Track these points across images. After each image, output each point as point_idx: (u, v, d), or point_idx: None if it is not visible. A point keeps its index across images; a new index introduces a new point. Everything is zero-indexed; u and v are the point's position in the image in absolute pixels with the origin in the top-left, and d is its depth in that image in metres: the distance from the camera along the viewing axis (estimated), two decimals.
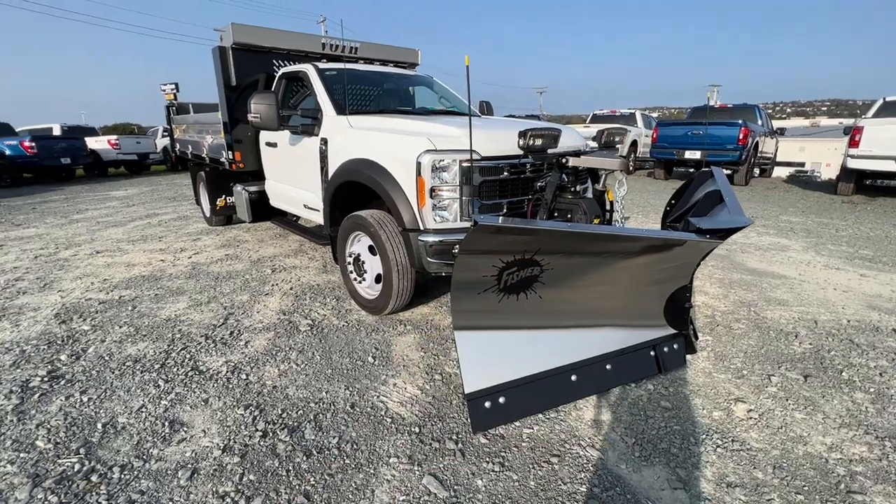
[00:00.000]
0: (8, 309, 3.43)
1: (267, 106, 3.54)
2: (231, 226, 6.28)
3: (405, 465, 1.82)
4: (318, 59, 4.85)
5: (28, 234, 6.09)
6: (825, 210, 7.36)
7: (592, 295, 2.28)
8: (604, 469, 1.79)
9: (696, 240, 2.18)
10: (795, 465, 1.79)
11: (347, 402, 2.24)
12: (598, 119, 13.70)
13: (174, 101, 7.20)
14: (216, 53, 4.50)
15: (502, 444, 1.94)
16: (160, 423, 2.08)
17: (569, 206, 2.77)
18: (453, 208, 2.74)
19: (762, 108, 11.48)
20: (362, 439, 1.97)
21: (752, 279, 3.95)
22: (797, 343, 2.80)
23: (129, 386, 2.38)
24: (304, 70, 4.03)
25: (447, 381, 2.42)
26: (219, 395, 2.30)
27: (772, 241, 5.28)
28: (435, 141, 2.68)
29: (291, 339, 2.91)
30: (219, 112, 4.83)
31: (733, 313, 3.24)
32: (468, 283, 1.88)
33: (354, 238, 3.30)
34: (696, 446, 1.91)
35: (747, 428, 2.02)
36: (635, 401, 2.23)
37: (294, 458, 1.86)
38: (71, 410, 2.17)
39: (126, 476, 1.76)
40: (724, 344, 2.79)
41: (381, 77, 4.50)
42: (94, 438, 1.98)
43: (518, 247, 1.86)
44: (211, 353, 2.72)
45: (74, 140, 13.58)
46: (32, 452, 1.89)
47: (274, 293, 3.72)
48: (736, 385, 2.35)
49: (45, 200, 9.33)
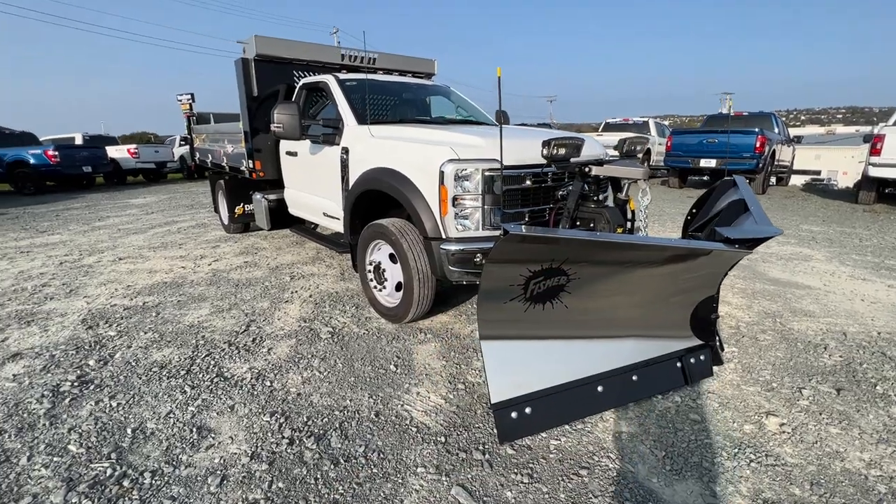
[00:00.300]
0: (36, 314, 3.51)
1: (289, 116, 3.60)
2: (248, 233, 6.36)
3: (433, 475, 1.81)
4: (337, 69, 4.94)
5: (52, 240, 6.24)
6: (847, 219, 7.22)
7: (618, 305, 2.26)
8: (635, 483, 1.76)
9: (725, 249, 2.16)
10: (834, 482, 1.75)
11: (372, 411, 2.24)
12: (611, 128, 13.67)
13: (193, 112, 7.35)
14: (239, 65, 4.60)
15: (530, 455, 1.92)
16: (188, 428, 2.10)
17: (591, 216, 2.76)
18: (475, 217, 2.75)
19: (778, 115, 11.36)
20: (389, 448, 1.96)
21: (776, 289, 3.88)
22: (827, 355, 2.73)
23: (156, 391, 2.41)
24: (325, 81, 4.09)
25: (470, 391, 2.41)
26: (244, 402, 2.31)
27: (793, 250, 5.19)
28: (458, 150, 2.70)
29: (313, 346, 2.93)
30: (240, 122, 4.92)
31: (758, 324, 3.18)
32: (495, 293, 1.88)
33: (375, 246, 3.32)
34: (728, 461, 1.87)
35: (781, 442, 1.98)
36: (663, 413, 2.20)
37: (322, 466, 1.86)
38: (101, 415, 2.21)
39: (157, 482, 1.78)
40: (751, 356, 2.74)
41: (399, 87, 4.56)
42: (124, 443, 2.00)
43: (546, 256, 1.85)
44: (235, 360, 2.75)
45: (95, 149, 13.93)
46: (66, 456, 1.92)
47: (294, 300, 3.76)
48: (766, 398, 2.31)
49: (67, 208, 9.55)
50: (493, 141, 2.85)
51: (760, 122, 10.57)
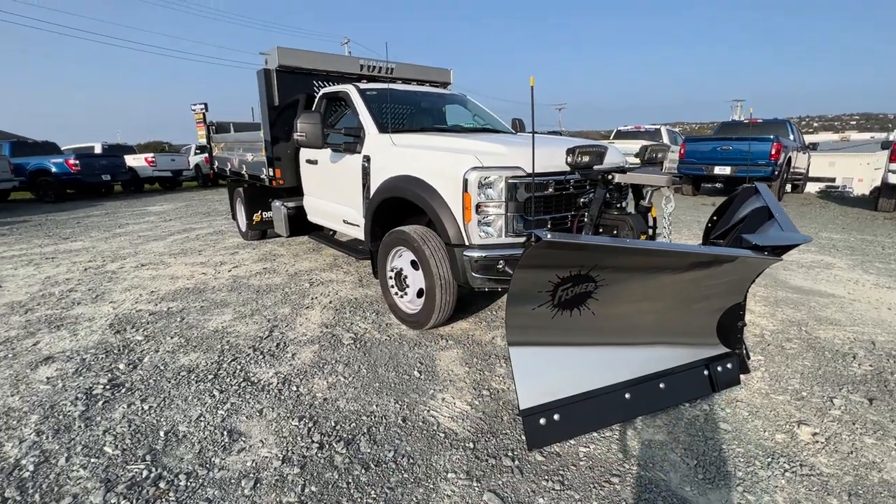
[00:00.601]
0: (65, 319, 3.59)
1: (312, 125, 3.66)
2: (265, 240, 6.44)
3: (464, 480, 1.81)
4: (356, 79, 5.02)
5: (76, 247, 6.38)
6: (867, 227, 7.11)
7: (645, 311, 2.26)
8: (668, 491, 1.75)
9: (753, 256, 2.15)
10: (872, 493, 1.72)
11: (398, 416, 2.25)
12: (623, 135, 13.65)
13: (208, 122, 7.51)
14: (261, 75, 4.70)
15: (559, 462, 1.92)
16: (219, 432, 2.13)
17: (615, 223, 2.77)
18: (498, 224, 2.77)
19: (793, 122, 11.27)
20: (418, 454, 1.97)
21: (799, 297, 3.83)
22: (856, 364, 2.69)
23: (185, 395, 2.45)
24: (346, 90, 4.17)
25: (495, 397, 2.42)
26: (272, 406, 2.34)
27: (814, 258, 5.13)
28: (481, 158, 2.73)
29: (336, 352, 2.96)
30: (260, 131, 5.02)
31: (783, 333, 3.15)
32: (523, 299, 1.89)
33: (396, 253, 3.35)
34: (762, 470, 1.85)
35: (815, 452, 1.95)
36: (692, 421, 2.18)
37: (352, 470, 1.87)
38: (134, 418, 2.25)
39: (192, 484, 1.81)
40: (778, 364, 2.71)
41: (418, 96, 4.62)
42: (157, 446, 2.04)
43: (575, 262, 1.86)
44: (260, 365, 2.78)
45: (114, 158, 14.25)
46: (102, 458, 1.96)
47: (314, 306, 3.79)
48: (796, 407, 2.28)
49: (87, 215, 9.76)
50: (516, 149, 2.89)
51: (775, 129, 10.49)
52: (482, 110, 4.88)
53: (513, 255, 2.73)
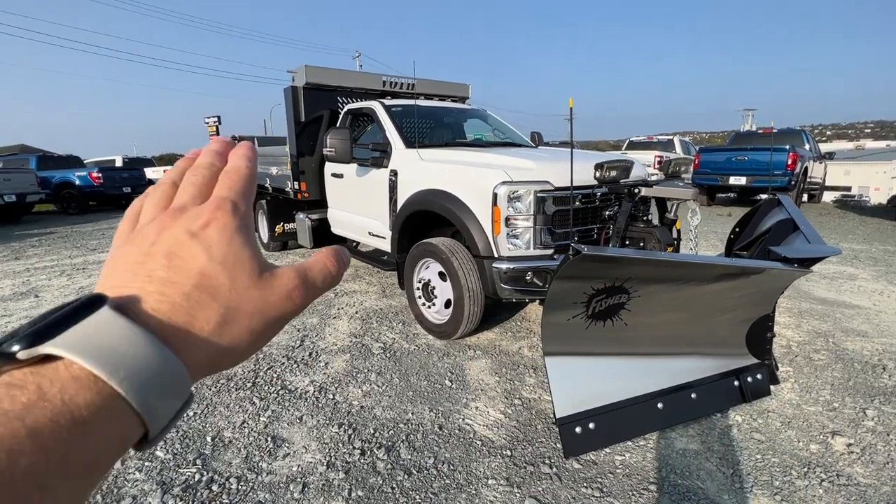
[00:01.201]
0: None
1: (341, 140, 3.79)
2: (286, 251, 6.58)
3: (504, 486, 1.86)
4: (379, 95, 5.17)
5: (104, 258, 6.55)
6: (889, 237, 7.05)
7: (676, 322, 2.31)
8: (706, 499, 1.78)
9: (783, 268, 2.19)
10: None
11: (434, 424, 2.31)
12: (635, 146, 13.70)
13: (235, 135, 7.73)
14: (288, 93, 4.87)
15: (596, 469, 1.96)
16: (263, 438, 2.21)
17: (641, 235, 2.83)
18: (526, 237, 2.84)
19: (809, 132, 11.23)
20: (457, 460, 2.03)
21: (824, 309, 3.83)
22: (886, 376, 2.70)
23: (227, 402, 2.54)
24: (372, 107, 4.30)
25: (528, 406, 2.47)
26: (311, 414, 2.42)
27: (836, 269, 5.11)
28: (510, 173, 2.82)
29: (367, 361, 3.03)
30: (286, 146, 5.18)
31: (810, 344, 3.16)
32: (559, 309, 1.96)
33: (423, 264, 3.44)
34: (799, 479, 1.87)
35: (850, 462, 1.97)
36: (724, 431, 2.21)
37: (395, 476, 1.93)
38: (180, 424, 2.34)
39: (243, 487, 1.88)
40: (807, 375, 2.72)
41: (441, 111, 4.75)
42: (206, 450, 2.12)
43: (610, 274, 1.93)
44: (295, 374, 2.87)
45: (134, 170, 14.66)
46: (155, 462, 2.05)
47: (341, 316, 3.88)
48: (829, 418, 2.29)
49: (111, 227, 10.02)
50: (543, 163, 2.98)
51: (791, 138, 10.47)
52: (502, 124, 4.99)
53: (541, 267, 2.80)
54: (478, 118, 4.98)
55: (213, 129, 25.02)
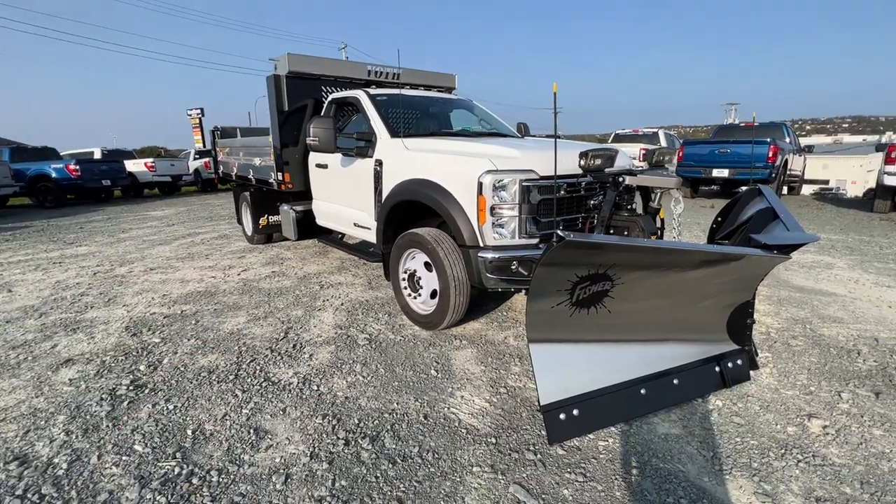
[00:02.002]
0: (80, 322, 3.62)
1: (325, 130, 3.73)
2: (271, 244, 6.49)
3: (489, 473, 1.86)
4: (364, 84, 5.09)
5: (81, 251, 6.39)
6: (864, 227, 7.24)
7: (658, 309, 2.33)
8: (686, 482, 1.81)
9: (763, 255, 2.22)
10: (883, 481, 1.79)
11: (420, 413, 2.30)
12: (621, 138, 13.78)
13: (216, 126, 7.56)
14: (270, 81, 4.77)
15: (580, 455, 1.97)
16: (245, 430, 2.18)
17: (625, 224, 2.84)
18: (512, 226, 2.84)
19: (789, 125, 11.44)
20: (442, 449, 2.03)
21: (802, 297, 3.92)
22: (861, 360, 2.77)
23: (208, 395, 2.50)
24: (356, 96, 4.24)
25: (513, 395, 2.47)
26: (295, 405, 2.39)
27: (814, 258, 5.23)
28: (496, 161, 2.80)
29: (352, 352, 3.01)
30: (269, 136, 5.08)
31: (788, 330, 3.22)
32: (543, 297, 1.96)
33: (409, 255, 3.41)
34: (776, 461, 1.91)
35: (826, 444, 2.02)
36: (705, 415, 2.25)
37: (380, 465, 1.92)
38: (160, 417, 2.29)
39: (224, 479, 1.85)
40: (785, 361, 2.78)
41: (426, 101, 4.70)
42: (186, 444, 2.08)
43: (594, 261, 1.93)
44: (279, 365, 2.83)
45: (114, 163, 14.26)
46: (133, 456, 2.00)
47: (326, 308, 3.84)
48: (806, 401, 2.35)
49: (89, 220, 9.76)
50: (528, 152, 2.97)
51: (772, 132, 10.65)
52: (488, 115, 4.96)
53: (526, 256, 2.80)
54: (464, 108, 4.94)
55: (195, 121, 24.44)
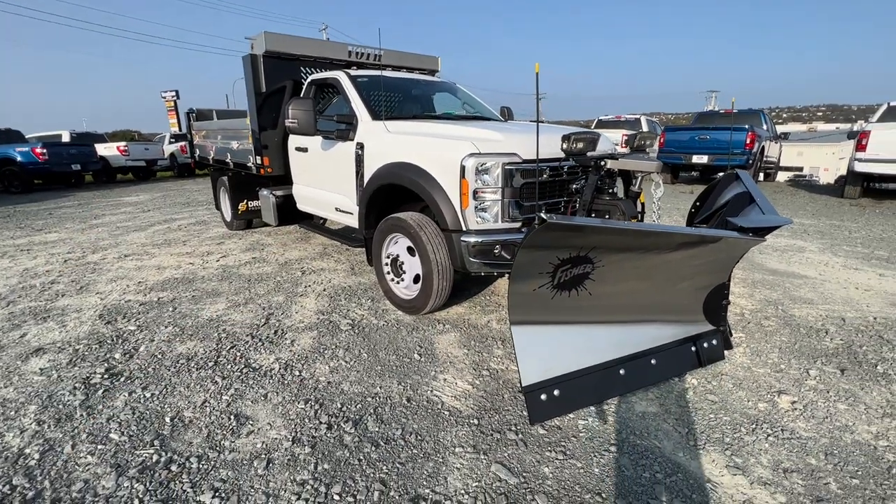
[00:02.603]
0: (51, 310, 3.50)
1: (304, 112, 3.63)
2: (251, 230, 6.36)
3: (471, 454, 1.89)
4: (345, 65, 4.97)
5: (51, 238, 6.16)
6: (835, 213, 7.48)
7: (638, 291, 2.36)
8: (662, 457, 1.86)
9: (739, 238, 2.27)
10: (846, 453, 1.87)
11: (403, 397, 2.31)
12: (604, 124, 13.85)
13: (192, 109, 7.31)
14: (247, 61, 4.60)
15: (560, 434, 2.01)
16: (226, 416, 2.15)
17: (607, 207, 2.86)
18: (494, 210, 2.83)
19: (767, 113, 11.65)
20: (425, 431, 2.04)
21: (775, 279, 4.04)
22: (828, 339, 2.88)
23: (187, 382, 2.45)
24: (336, 77, 4.13)
25: (495, 377, 2.50)
26: (276, 391, 2.37)
27: (787, 242, 5.39)
28: (478, 145, 2.78)
29: (335, 337, 2.99)
30: (246, 118, 4.93)
31: (761, 311, 3.33)
32: (525, 279, 1.96)
33: (392, 240, 3.38)
34: (747, 435, 1.98)
35: (794, 418, 2.10)
36: (681, 394, 2.31)
37: (363, 448, 1.93)
38: (137, 405, 2.24)
39: (205, 466, 1.83)
40: (758, 340, 2.87)
41: (409, 83, 4.61)
42: (164, 431, 2.05)
43: (575, 244, 1.94)
44: (260, 352, 2.79)
45: (84, 146, 13.70)
46: (109, 444, 1.96)
47: (308, 294, 3.80)
48: (776, 378, 2.43)
49: (58, 206, 9.40)
50: (511, 136, 2.95)
51: (750, 119, 10.83)
52: (472, 98, 4.91)
53: (509, 240, 2.81)
54: (447, 91, 4.87)
55: (170, 103, 23.52)
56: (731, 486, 1.71)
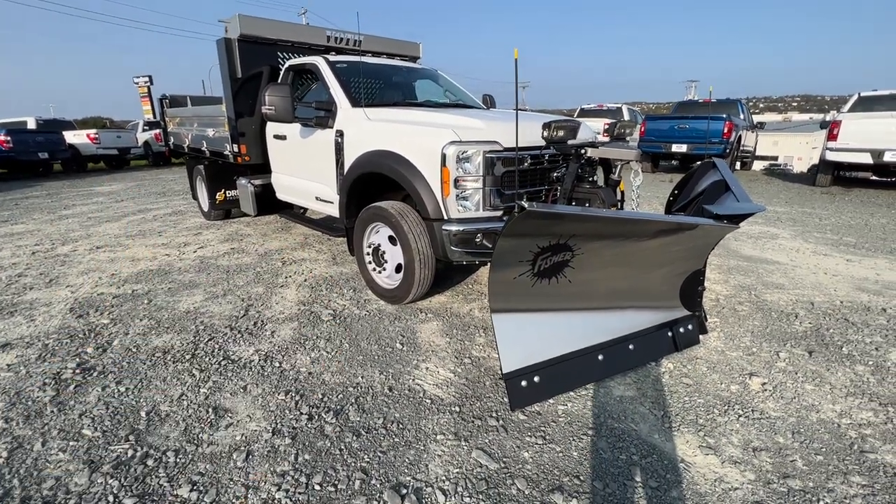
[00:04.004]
0: (18, 304, 3.37)
1: (282, 98, 3.54)
2: (230, 220, 6.22)
3: (452, 441, 1.90)
4: (323, 51, 4.84)
5: (18, 230, 5.92)
6: (807, 200, 7.70)
7: (616, 278, 2.40)
8: (638, 439, 1.91)
9: (714, 225, 2.32)
10: (811, 431, 1.95)
11: (384, 386, 2.31)
12: (586, 113, 13.91)
13: (165, 95, 7.05)
14: (221, 45, 4.45)
15: (540, 420, 2.04)
16: (204, 409, 2.12)
17: (587, 196, 2.88)
18: (476, 198, 2.82)
19: (744, 103, 11.86)
20: (406, 419, 2.05)
21: (748, 265, 4.15)
22: (798, 323, 2.98)
23: (163, 376, 2.40)
24: (314, 62, 4.03)
25: (477, 364, 2.52)
26: (256, 383, 2.34)
27: (761, 230, 5.53)
28: (459, 132, 2.75)
29: (316, 328, 2.96)
30: (222, 105, 4.78)
31: (735, 297, 3.42)
32: (505, 268, 1.97)
33: (373, 229, 3.35)
34: (720, 417, 2.05)
35: (764, 399, 2.18)
36: (658, 378, 2.37)
37: (344, 438, 1.92)
38: (111, 400, 2.19)
39: (182, 459, 1.80)
40: (732, 325, 2.96)
41: (389, 70, 4.53)
42: (140, 426, 2.01)
43: (555, 232, 1.96)
44: (239, 343, 2.75)
45: (52, 134, 13.14)
46: (81, 440, 1.91)
47: (289, 285, 3.75)
48: (748, 361, 2.51)
49: (25, 196, 9.02)
50: (493, 123, 2.93)
51: (727, 108, 11.02)
52: (453, 86, 4.86)
53: (490, 229, 2.81)
54: (428, 78, 4.80)
55: (144, 90, 22.57)
56: (704, 466, 1.77)
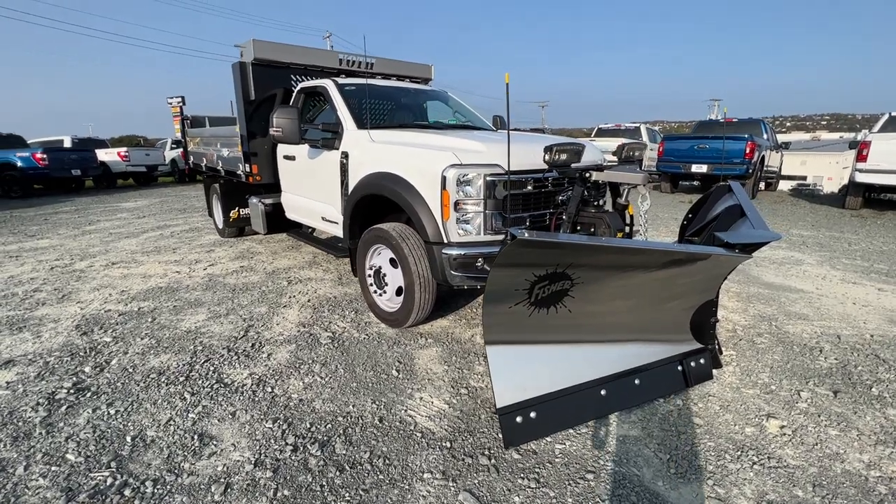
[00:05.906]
0: (28, 320, 3.44)
1: (289, 120, 3.58)
2: (243, 237, 6.31)
3: (440, 480, 1.80)
4: (336, 74, 4.93)
5: (42, 244, 6.13)
6: (835, 224, 7.36)
7: (620, 309, 2.28)
8: (641, 486, 1.77)
9: (724, 254, 2.19)
10: (835, 483, 1.77)
11: (375, 416, 2.22)
12: (604, 133, 13.82)
13: (185, 115, 7.30)
14: (236, 69, 4.58)
15: (535, 459, 1.92)
16: (189, 436, 2.07)
17: (592, 220, 2.79)
18: (477, 222, 2.76)
19: (767, 122, 11.57)
20: (394, 454, 1.95)
21: (770, 293, 3.94)
22: (822, 358, 2.78)
23: (155, 398, 2.38)
24: (324, 85, 4.09)
25: (473, 395, 2.41)
26: (246, 409, 2.29)
27: (785, 254, 5.28)
28: (460, 155, 2.71)
29: (313, 351, 2.91)
30: (236, 125, 4.89)
31: (754, 328, 3.23)
32: (500, 297, 1.89)
33: (375, 251, 3.31)
34: (732, 463, 1.89)
35: (782, 444, 2.00)
36: (665, 416, 2.21)
37: (327, 472, 1.84)
38: (99, 423, 2.17)
39: (159, 490, 1.75)
40: (749, 359, 2.77)
41: (397, 92, 4.57)
42: (124, 452, 1.97)
43: (551, 260, 1.87)
44: (234, 366, 2.72)
45: (85, 152, 13.75)
46: (63, 466, 1.88)
47: (292, 305, 3.73)
48: (765, 401, 2.33)
49: (56, 212, 9.40)
50: (494, 146, 2.88)
51: (750, 128, 10.75)
52: (463, 107, 4.86)
53: (492, 253, 2.73)
54: (437, 100, 4.83)
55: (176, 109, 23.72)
56: None
